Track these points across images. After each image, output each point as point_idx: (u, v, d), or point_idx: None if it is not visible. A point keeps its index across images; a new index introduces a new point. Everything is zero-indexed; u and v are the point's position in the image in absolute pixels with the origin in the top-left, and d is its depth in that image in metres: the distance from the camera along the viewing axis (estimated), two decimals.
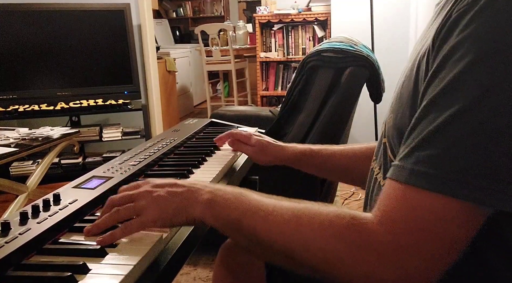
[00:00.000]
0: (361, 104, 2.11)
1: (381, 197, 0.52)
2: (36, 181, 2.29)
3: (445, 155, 0.46)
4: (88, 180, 0.85)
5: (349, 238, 0.51)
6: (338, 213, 0.53)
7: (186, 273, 1.92)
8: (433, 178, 0.47)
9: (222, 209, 0.61)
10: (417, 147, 0.49)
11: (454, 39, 0.48)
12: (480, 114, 0.45)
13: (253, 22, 4.72)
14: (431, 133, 0.48)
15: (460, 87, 0.47)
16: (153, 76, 3.56)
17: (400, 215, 0.48)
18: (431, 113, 0.48)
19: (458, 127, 0.46)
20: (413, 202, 0.48)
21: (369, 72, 1.90)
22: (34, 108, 2.92)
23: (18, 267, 0.57)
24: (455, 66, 0.47)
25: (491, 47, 0.46)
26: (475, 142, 0.45)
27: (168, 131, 1.32)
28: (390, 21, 3.25)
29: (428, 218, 0.47)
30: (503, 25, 0.46)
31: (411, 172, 0.48)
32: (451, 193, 0.46)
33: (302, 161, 1.02)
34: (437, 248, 0.47)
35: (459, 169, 0.46)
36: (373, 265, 0.49)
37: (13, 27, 2.98)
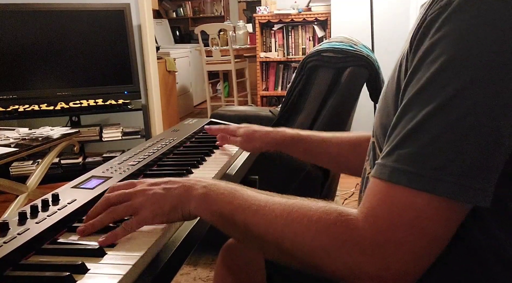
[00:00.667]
0: (361, 104, 2.11)
1: (366, 194, 0.54)
2: (36, 181, 2.29)
3: (423, 153, 0.48)
4: (87, 180, 0.85)
5: (335, 233, 0.53)
6: (326, 209, 0.55)
7: (186, 273, 1.92)
8: (412, 176, 0.48)
9: (215, 204, 0.63)
10: (397, 145, 0.51)
11: (428, 41, 0.50)
12: (454, 113, 0.47)
13: (253, 22, 4.72)
14: (409, 131, 0.50)
15: (434, 87, 0.49)
16: (153, 76, 3.56)
17: (382, 212, 0.50)
18: (409, 112, 0.50)
19: (433, 125, 0.48)
20: (394, 199, 0.50)
21: (369, 72, 1.90)
22: (34, 108, 2.92)
23: (17, 267, 0.57)
24: (429, 66, 0.49)
25: (462, 48, 0.48)
26: (449, 139, 0.47)
27: (168, 131, 1.32)
28: (390, 21, 3.25)
29: (409, 214, 0.49)
30: (472, 27, 0.47)
31: (392, 170, 0.50)
32: (429, 190, 0.48)
33: (290, 145, 1.03)
34: (417, 244, 0.49)
35: (436, 166, 0.47)
36: (357, 258, 0.51)
37: (13, 27, 2.98)
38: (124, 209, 0.66)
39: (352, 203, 2.61)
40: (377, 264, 0.50)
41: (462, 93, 0.47)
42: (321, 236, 0.53)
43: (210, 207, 0.63)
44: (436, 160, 0.48)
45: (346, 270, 0.52)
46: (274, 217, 0.58)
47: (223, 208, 0.62)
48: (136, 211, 0.65)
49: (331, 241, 0.53)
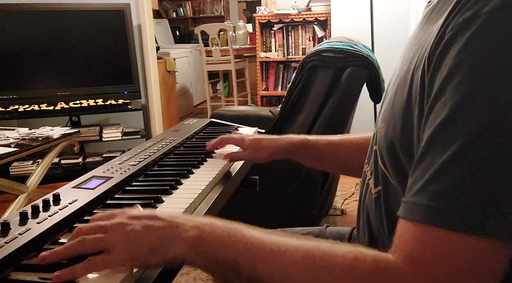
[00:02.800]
0: (361, 104, 2.11)
1: (400, 237, 0.48)
2: (36, 181, 2.29)
3: (462, 189, 0.43)
4: (88, 180, 0.85)
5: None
6: (357, 255, 0.48)
7: (186, 273, 1.92)
8: (452, 216, 0.43)
9: (213, 248, 0.54)
10: (430, 181, 0.45)
11: (452, 61, 0.46)
12: (491, 144, 0.43)
13: (253, 22, 4.72)
14: (443, 165, 0.45)
15: (465, 115, 0.44)
16: (153, 76, 3.56)
17: (425, 258, 0.45)
18: (440, 144, 0.46)
19: (471, 158, 0.43)
20: (436, 243, 0.45)
21: (369, 72, 1.90)
22: (34, 108, 2.92)
23: (18, 267, 0.57)
24: (455, 91, 0.45)
25: (489, 73, 0.44)
26: (490, 174, 0.43)
27: (168, 131, 1.32)
28: (390, 21, 3.25)
29: (455, 259, 0.44)
30: (502, 49, 0.44)
31: (427, 209, 0.45)
32: (474, 232, 0.43)
33: (298, 152, 1.00)
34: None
35: (478, 204, 0.43)
36: None
37: (13, 27, 2.98)
38: (92, 241, 0.55)
39: (352, 203, 2.61)
40: None
41: (495, 122, 0.43)
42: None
43: (205, 253, 0.54)
44: (477, 197, 0.43)
45: None
46: (291, 264, 0.50)
47: (223, 254, 0.53)
48: (107, 248, 0.55)
49: None
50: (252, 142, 1.02)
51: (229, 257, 0.53)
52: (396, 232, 0.49)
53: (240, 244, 0.53)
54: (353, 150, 0.96)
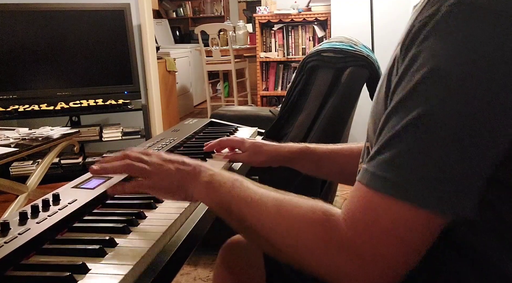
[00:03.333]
0: (361, 104, 2.11)
1: (349, 196, 0.55)
2: (36, 181, 2.29)
3: (401, 161, 0.49)
4: (88, 180, 0.85)
5: (317, 232, 0.54)
6: (312, 207, 0.56)
7: (186, 273, 1.92)
8: (389, 183, 0.49)
9: (216, 192, 0.67)
10: (378, 151, 0.52)
11: (414, 49, 0.51)
12: (433, 123, 0.48)
13: (253, 22, 4.72)
14: (389, 138, 0.50)
15: (416, 97, 0.49)
16: (153, 76, 3.56)
17: (360, 215, 0.51)
18: (392, 120, 0.51)
19: (412, 134, 0.49)
20: (372, 204, 0.51)
21: (369, 72, 1.90)
22: (34, 108, 2.92)
23: (17, 267, 0.57)
24: (413, 76, 0.50)
25: (443, 61, 0.48)
26: (427, 149, 0.48)
27: (168, 131, 1.32)
28: (390, 21, 3.24)
29: (385, 221, 0.49)
30: (455, 40, 0.48)
31: (372, 175, 0.51)
32: (405, 199, 0.48)
33: (298, 160, 1.01)
34: (392, 251, 0.49)
35: (414, 176, 0.48)
36: (337, 258, 0.52)
37: (13, 27, 2.98)
38: (139, 168, 0.71)
39: None
40: (354, 266, 0.51)
41: (439, 105, 0.48)
42: (304, 233, 0.55)
43: (211, 195, 0.67)
44: (411, 168, 0.48)
45: (326, 269, 0.53)
46: (265, 210, 0.60)
47: (222, 197, 0.66)
48: (149, 176, 0.71)
49: (313, 240, 0.54)
50: (252, 145, 1.03)
51: (226, 200, 0.65)
52: (351, 191, 0.56)
53: (235, 191, 0.65)
54: (353, 156, 0.96)
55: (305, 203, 0.58)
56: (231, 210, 0.64)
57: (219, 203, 0.66)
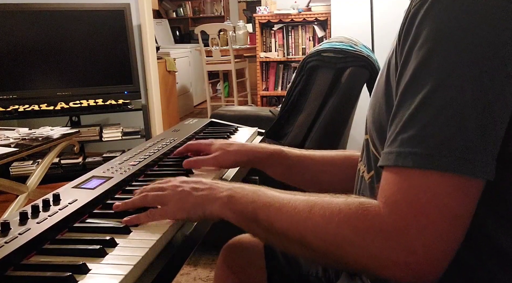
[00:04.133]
0: (361, 104, 2.11)
1: (381, 184, 0.54)
2: (36, 181, 2.29)
3: (424, 134, 0.50)
4: (88, 180, 0.85)
5: (357, 223, 0.53)
6: (347, 201, 0.56)
7: (186, 273, 1.92)
8: (417, 157, 0.50)
9: (239, 204, 0.66)
10: (399, 132, 0.52)
11: (414, 30, 0.53)
12: (447, 93, 0.49)
13: (253, 22, 4.72)
14: (409, 116, 0.51)
15: (425, 71, 0.51)
16: (153, 76, 3.56)
17: (398, 196, 0.51)
18: (407, 100, 0.52)
19: (430, 107, 0.50)
20: (408, 181, 0.50)
21: (369, 72, 1.90)
22: (34, 108, 2.92)
23: (18, 267, 0.57)
24: (418, 53, 0.52)
25: (446, 32, 0.50)
26: (447, 118, 0.49)
27: (168, 131, 1.32)
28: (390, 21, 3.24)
29: (425, 195, 0.49)
30: (453, 13, 0.51)
31: (398, 154, 0.51)
32: (436, 167, 0.49)
33: (270, 163, 0.93)
34: (439, 224, 0.48)
35: (438, 144, 0.49)
36: (381, 246, 0.50)
37: (13, 27, 2.98)
38: (153, 197, 0.72)
39: None
40: (402, 250, 0.49)
41: (451, 74, 0.49)
42: (343, 227, 0.54)
43: (234, 207, 0.66)
44: (437, 139, 0.49)
45: (371, 259, 0.51)
46: (296, 212, 0.59)
47: (246, 207, 0.65)
48: (163, 203, 0.71)
49: (354, 231, 0.53)
50: (220, 146, 0.95)
51: (251, 210, 0.64)
52: (380, 181, 0.55)
53: (260, 199, 0.64)
54: (326, 163, 0.93)
55: (337, 198, 0.58)
56: (257, 219, 0.63)
57: (243, 214, 0.65)
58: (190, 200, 0.69)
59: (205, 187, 0.71)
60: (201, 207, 0.69)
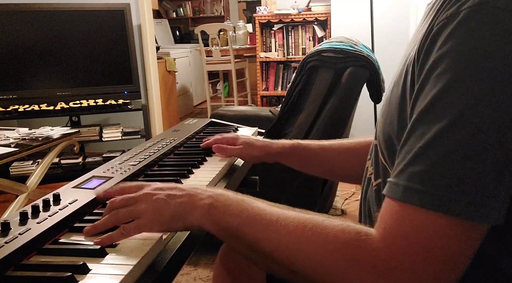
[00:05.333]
0: (361, 104, 2.11)
1: (381, 214, 0.52)
2: (36, 181, 2.29)
3: (435, 172, 0.47)
4: (88, 180, 0.85)
5: (351, 254, 0.50)
6: (343, 227, 0.53)
7: (186, 273, 1.92)
8: (425, 195, 0.47)
9: (222, 215, 0.60)
10: (409, 163, 0.49)
11: (435, 54, 0.49)
12: (463, 130, 0.46)
13: (253, 22, 4.72)
14: (420, 149, 0.48)
15: (442, 104, 0.48)
16: (153, 76, 3.56)
17: (399, 233, 0.48)
18: (419, 129, 0.49)
19: (444, 143, 0.47)
20: (410, 220, 0.48)
21: (369, 72, 1.90)
22: (34, 108, 2.92)
23: (18, 267, 0.57)
24: (437, 81, 0.48)
25: (468, 64, 0.47)
26: (460, 158, 0.46)
27: (168, 131, 1.32)
28: (390, 21, 3.24)
29: (424, 236, 0.47)
30: (480, 42, 0.47)
31: (405, 189, 0.49)
32: (443, 210, 0.46)
33: (290, 155, 1.01)
34: (434, 266, 0.47)
35: (448, 185, 0.46)
36: (372, 281, 0.49)
37: (13, 27, 2.98)
38: (125, 213, 0.65)
39: (352, 203, 2.61)
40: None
41: (470, 111, 0.46)
42: (337, 255, 0.51)
43: (216, 219, 0.61)
44: (448, 179, 0.46)
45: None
46: (286, 233, 0.55)
47: (230, 221, 0.59)
48: (137, 216, 0.64)
49: (347, 262, 0.50)
50: (245, 141, 1.03)
51: (234, 224, 0.59)
52: (381, 209, 0.53)
53: (245, 213, 0.59)
54: (344, 152, 0.97)
55: (332, 223, 0.54)
56: (242, 235, 0.58)
57: (227, 228, 0.60)
58: (168, 210, 0.63)
59: (182, 193, 0.64)
60: (180, 217, 0.63)
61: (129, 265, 0.56)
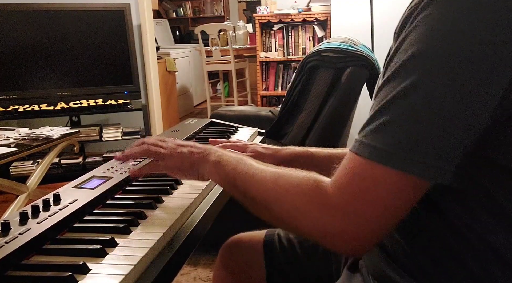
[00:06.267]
0: (361, 104, 2.11)
1: (340, 165, 0.60)
2: (36, 181, 2.29)
3: (384, 129, 0.53)
4: (88, 180, 0.85)
5: (309, 196, 0.60)
6: (305, 176, 0.63)
7: (186, 273, 1.92)
8: (373, 150, 0.54)
9: (223, 169, 0.75)
10: (368, 123, 0.56)
11: (403, 34, 0.56)
12: (417, 96, 0.52)
13: (253, 22, 4.72)
14: (376, 111, 0.55)
15: (401, 74, 0.54)
16: (153, 76, 3.56)
17: (346, 180, 0.56)
18: (381, 94, 0.56)
19: (395, 107, 0.53)
20: (358, 170, 0.55)
21: (369, 72, 1.90)
22: (34, 108, 2.92)
23: (18, 267, 0.57)
24: (401, 56, 0.55)
25: (427, 41, 0.52)
26: (407, 120, 0.52)
27: (168, 131, 1.32)
28: (390, 21, 3.24)
29: (369, 184, 0.54)
30: (439, 20, 0.52)
31: (360, 143, 0.56)
32: (385, 162, 0.53)
33: (299, 163, 1.00)
34: (372, 212, 0.54)
35: (395, 143, 0.52)
36: (324, 220, 0.57)
37: (13, 27, 2.98)
38: (155, 151, 0.81)
39: None
40: (339, 226, 0.56)
41: (423, 79, 0.52)
42: (297, 198, 0.61)
43: (219, 172, 0.75)
44: (396, 137, 0.52)
45: (315, 229, 0.59)
46: (264, 181, 0.67)
47: (228, 173, 0.73)
48: (163, 159, 0.81)
49: (305, 203, 0.60)
50: (255, 148, 1.03)
51: (231, 176, 0.73)
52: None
53: (239, 167, 0.72)
54: None
55: (299, 173, 0.64)
56: (236, 184, 0.71)
57: (226, 179, 0.74)
58: (188, 161, 0.79)
59: (199, 151, 0.80)
60: (196, 167, 0.78)
61: (129, 265, 0.56)
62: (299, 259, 0.94)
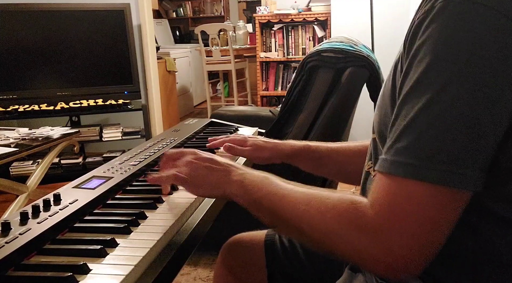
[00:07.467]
0: (361, 104, 2.11)
1: (373, 186, 0.59)
2: (36, 181, 2.29)
3: (416, 145, 0.53)
4: (88, 180, 0.85)
5: (346, 219, 0.58)
6: (340, 197, 0.61)
7: (186, 273, 1.92)
8: (407, 167, 0.53)
9: (248, 190, 0.71)
10: (395, 141, 0.56)
11: (416, 43, 0.56)
12: (438, 108, 0.52)
13: (253, 22, 4.72)
14: (404, 127, 0.55)
15: (421, 86, 0.54)
16: (153, 76, 3.56)
17: (386, 201, 0.55)
18: (404, 110, 0.55)
19: (423, 120, 0.53)
20: (395, 189, 0.54)
21: (369, 72, 1.90)
22: (34, 108, 2.92)
23: (18, 267, 0.57)
24: (417, 67, 0.55)
25: (442, 49, 0.53)
26: (437, 132, 0.52)
27: (168, 131, 1.32)
28: (390, 21, 3.24)
29: (408, 203, 0.53)
30: (451, 30, 0.53)
31: (391, 163, 0.55)
32: (422, 178, 0.52)
33: (299, 157, 1.02)
34: (418, 231, 0.53)
35: (427, 157, 0.52)
36: (364, 243, 0.55)
37: (13, 27, 2.98)
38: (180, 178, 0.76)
39: None
40: (382, 249, 0.54)
41: (444, 90, 0.52)
42: (334, 221, 0.59)
43: (243, 193, 0.72)
44: (427, 151, 0.52)
45: (355, 253, 0.57)
46: (296, 203, 0.64)
47: (254, 194, 0.70)
48: (188, 187, 0.76)
49: (343, 226, 0.58)
50: (255, 142, 1.03)
51: (256, 197, 0.70)
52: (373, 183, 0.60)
53: (265, 187, 0.70)
54: (352, 155, 0.99)
55: (333, 194, 0.62)
56: (263, 206, 0.68)
57: (251, 201, 0.71)
58: (212, 178, 0.75)
59: (219, 168, 0.76)
60: (221, 186, 0.74)
61: (130, 265, 0.56)
62: (300, 259, 0.94)
